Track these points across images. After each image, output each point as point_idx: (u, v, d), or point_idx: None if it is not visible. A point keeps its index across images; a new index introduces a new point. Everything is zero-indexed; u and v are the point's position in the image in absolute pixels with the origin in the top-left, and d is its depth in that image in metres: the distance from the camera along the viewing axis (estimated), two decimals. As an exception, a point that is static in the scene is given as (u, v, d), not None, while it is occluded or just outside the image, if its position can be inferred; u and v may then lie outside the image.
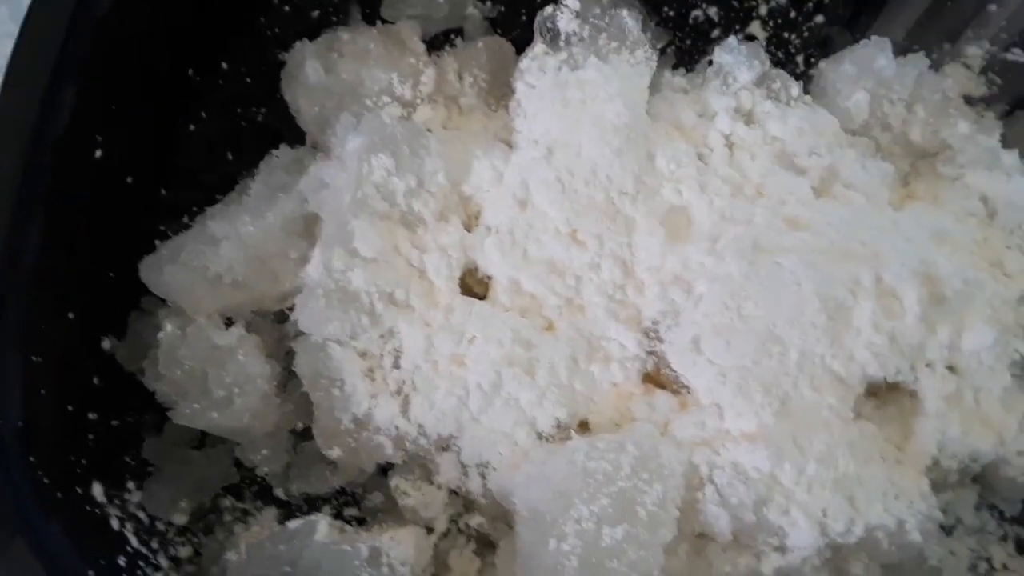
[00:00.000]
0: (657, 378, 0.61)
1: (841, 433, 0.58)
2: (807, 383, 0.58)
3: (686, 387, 0.61)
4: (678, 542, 0.59)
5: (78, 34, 0.63)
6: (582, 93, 0.64)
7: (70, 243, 0.63)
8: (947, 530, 0.66)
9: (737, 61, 0.68)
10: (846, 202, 0.64)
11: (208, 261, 0.64)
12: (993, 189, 0.67)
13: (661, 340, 0.61)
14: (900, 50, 0.74)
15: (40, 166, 0.61)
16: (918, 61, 0.70)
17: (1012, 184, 0.67)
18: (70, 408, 0.63)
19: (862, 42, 0.71)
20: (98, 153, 0.64)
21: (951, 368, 0.62)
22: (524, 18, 0.76)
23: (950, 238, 0.62)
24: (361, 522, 0.68)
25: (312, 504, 0.69)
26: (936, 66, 0.74)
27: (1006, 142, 0.71)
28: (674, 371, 0.61)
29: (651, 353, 0.62)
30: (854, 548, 0.60)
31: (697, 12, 0.77)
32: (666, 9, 0.77)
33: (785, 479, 0.57)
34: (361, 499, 0.69)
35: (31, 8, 0.63)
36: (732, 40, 0.70)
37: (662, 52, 0.76)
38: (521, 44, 0.73)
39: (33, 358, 0.60)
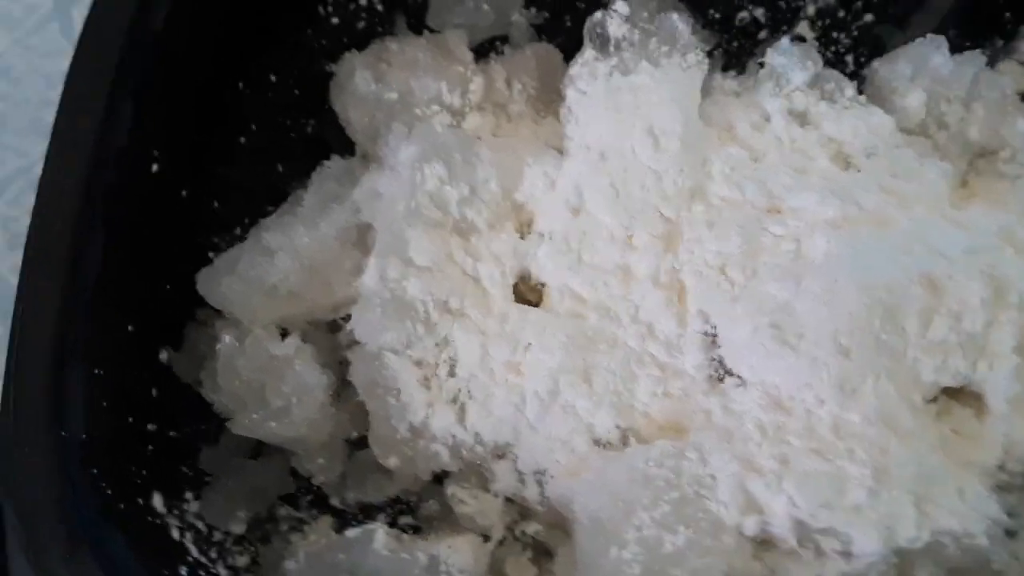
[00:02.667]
0: (717, 384, 0.61)
1: (906, 437, 0.57)
2: (871, 387, 0.57)
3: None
4: (741, 549, 0.58)
5: (135, 50, 0.64)
6: (634, 98, 0.64)
7: (130, 257, 0.64)
8: (1011, 534, 0.64)
9: (790, 63, 0.68)
10: (905, 202, 0.62)
11: (264, 272, 0.65)
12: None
13: (719, 345, 0.60)
14: (954, 48, 0.73)
15: (100, 182, 0.61)
16: (975, 59, 0.69)
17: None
18: (130, 420, 0.63)
19: (917, 40, 0.70)
20: (155, 168, 0.65)
21: (1017, 370, 0.60)
22: (569, 24, 0.76)
23: (1015, 238, 0.61)
24: (416, 530, 0.68)
25: (367, 513, 0.69)
26: (991, 63, 0.73)
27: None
28: (734, 376, 0.60)
29: (712, 359, 0.62)
30: (920, 554, 0.58)
31: (743, 14, 0.77)
32: (712, 11, 0.76)
33: (853, 485, 0.56)
34: (416, 507, 0.69)
35: (87, 24, 0.64)
36: (784, 41, 0.69)
37: (710, 56, 0.76)
38: (567, 50, 0.72)
39: (96, 371, 0.61)
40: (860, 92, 0.70)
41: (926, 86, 0.68)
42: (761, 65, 0.71)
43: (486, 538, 0.66)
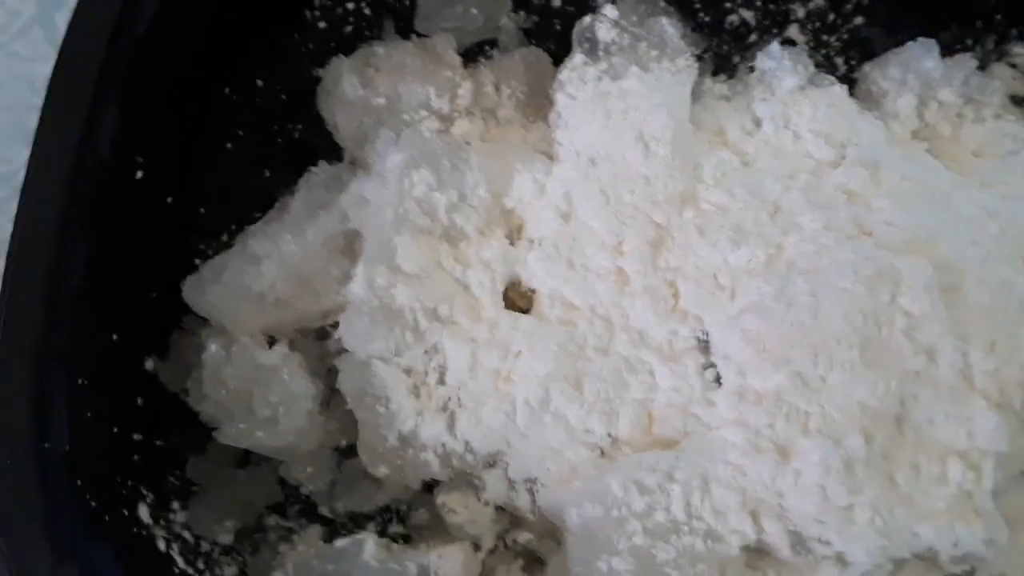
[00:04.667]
0: (710, 391, 0.60)
1: (901, 445, 0.57)
2: (864, 394, 0.57)
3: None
4: (734, 558, 0.58)
5: (117, 55, 0.63)
6: (624, 103, 0.63)
7: (114, 265, 0.63)
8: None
9: (780, 67, 0.67)
10: (898, 205, 0.62)
11: (251, 280, 0.64)
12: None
13: (712, 352, 0.60)
14: (945, 51, 0.72)
15: (83, 189, 0.61)
16: (965, 62, 0.69)
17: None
18: (115, 430, 0.63)
19: (908, 44, 0.70)
20: (139, 174, 0.64)
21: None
22: (559, 28, 0.75)
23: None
24: (407, 539, 0.68)
25: (357, 522, 0.68)
26: (982, 65, 0.73)
27: (1056, 144, 0.70)
28: (727, 382, 0.60)
29: (704, 366, 0.61)
30: (914, 560, 0.58)
31: (733, 17, 0.76)
32: (701, 15, 0.76)
33: (845, 492, 0.55)
34: (406, 516, 0.68)
35: (69, 30, 0.63)
36: (775, 46, 0.69)
37: (699, 59, 0.76)
38: (557, 54, 0.72)
39: (79, 381, 0.60)
40: (851, 95, 0.70)
41: (917, 89, 0.68)
42: (751, 69, 0.71)
43: (477, 547, 0.65)
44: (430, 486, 0.67)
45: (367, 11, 0.75)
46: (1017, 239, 0.61)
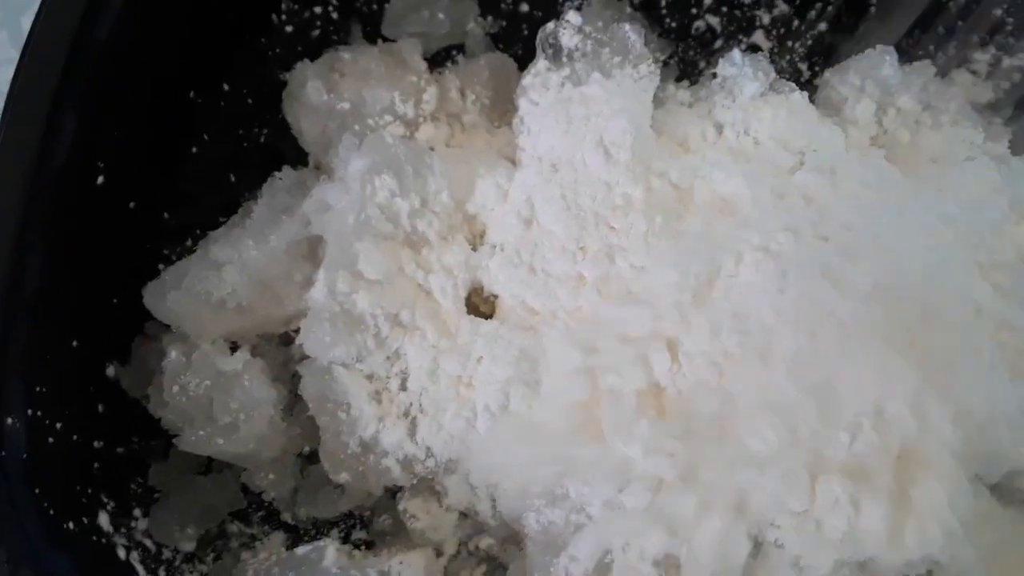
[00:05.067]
0: (661, 396, 0.60)
1: (850, 456, 0.57)
2: (817, 404, 0.57)
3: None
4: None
5: (80, 59, 0.62)
6: (586, 109, 0.64)
7: (73, 270, 0.62)
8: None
9: (742, 74, 0.68)
10: (857, 210, 0.62)
11: (211, 286, 0.64)
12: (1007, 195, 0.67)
13: (677, 360, 0.60)
14: (907, 57, 0.73)
15: (42, 194, 0.60)
16: (924, 69, 0.70)
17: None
18: (75, 437, 0.62)
19: (867, 51, 0.70)
20: (100, 179, 0.64)
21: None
22: (526, 33, 0.75)
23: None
24: (370, 545, 0.67)
25: (320, 528, 0.68)
26: (943, 72, 0.74)
27: (1014, 148, 0.70)
28: (685, 390, 0.60)
29: (669, 371, 0.61)
30: (872, 563, 0.59)
31: (699, 23, 0.77)
32: (668, 20, 0.76)
33: (804, 497, 0.56)
34: (370, 522, 0.68)
35: (32, 33, 0.63)
36: (736, 53, 0.70)
37: (665, 64, 0.76)
38: (523, 59, 0.72)
39: (37, 388, 0.59)
40: (812, 102, 0.70)
41: (876, 96, 0.69)
42: (714, 75, 0.71)
43: (439, 553, 0.65)
44: (393, 492, 0.67)
45: (335, 15, 0.75)
46: (972, 244, 0.62)
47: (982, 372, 0.59)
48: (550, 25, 0.68)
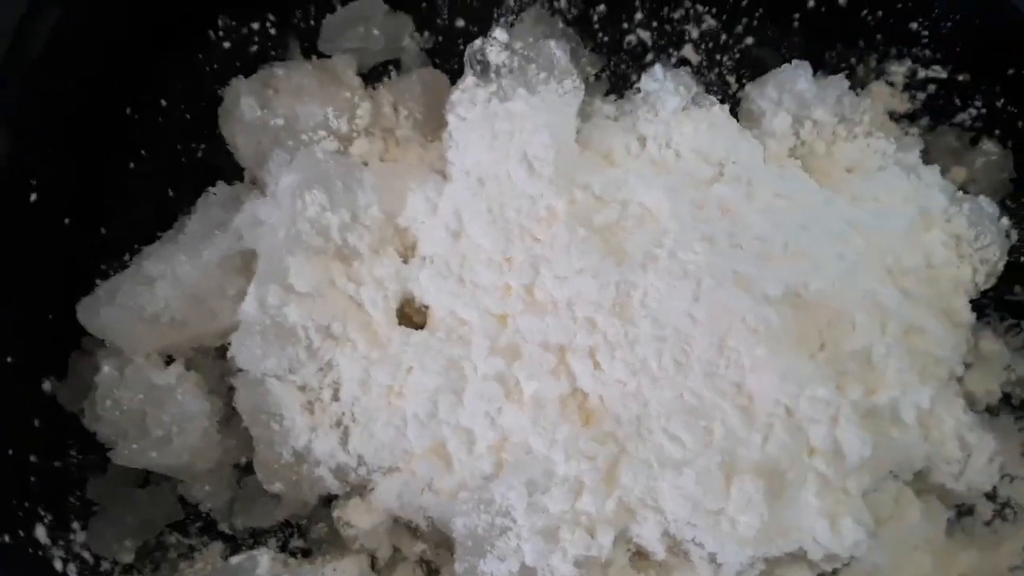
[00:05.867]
0: (586, 405, 0.62)
1: (764, 455, 0.59)
2: (730, 407, 0.59)
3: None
4: (614, 560, 0.60)
5: (9, 78, 0.63)
6: (510, 125, 0.65)
7: (7, 287, 0.63)
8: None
9: (664, 88, 0.70)
10: (775, 221, 0.65)
11: (144, 301, 0.64)
12: (917, 203, 0.69)
13: (599, 367, 0.62)
14: (829, 70, 0.76)
15: (-28, 212, 0.61)
16: (838, 83, 0.72)
17: (933, 199, 0.69)
18: (10, 452, 0.62)
19: (784, 66, 0.73)
20: (33, 197, 0.64)
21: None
22: (462, 48, 0.76)
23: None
24: (307, 553, 0.69)
25: (257, 537, 0.69)
26: (862, 83, 0.76)
27: (927, 158, 0.73)
28: (606, 395, 0.62)
29: (591, 377, 0.63)
30: (786, 559, 0.61)
31: (631, 37, 0.79)
32: (600, 35, 0.78)
33: (717, 496, 0.58)
34: (306, 530, 0.69)
35: (-39, 53, 0.63)
36: (657, 68, 0.72)
37: (596, 78, 0.78)
38: (458, 74, 0.73)
39: (-30, 404, 0.60)
40: (735, 115, 0.72)
41: (793, 109, 0.71)
42: (639, 90, 0.73)
43: (374, 559, 0.67)
44: (328, 500, 0.68)
45: (272, 31, 0.76)
46: (882, 251, 0.65)
47: (891, 374, 0.62)
48: (477, 42, 0.70)
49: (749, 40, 0.79)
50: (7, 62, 0.63)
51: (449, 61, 0.77)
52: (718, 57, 0.79)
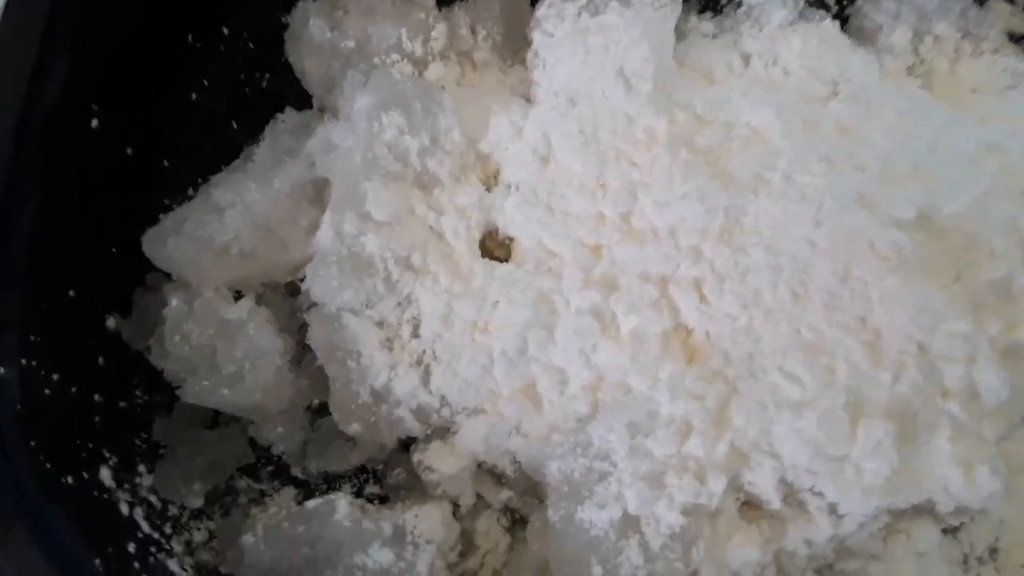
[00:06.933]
0: (691, 341, 0.57)
1: (893, 397, 0.54)
2: (855, 343, 0.54)
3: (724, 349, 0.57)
4: (723, 509, 0.55)
5: (70, 1, 0.60)
6: (604, 39, 0.60)
7: (68, 219, 0.60)
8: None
9: (769, 2, 0.64)
10: (893, 140, 0.59)
11: (213, 231, 0.61)
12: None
13: (705, 300, 0.56)
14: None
15: (31, 139, 0.57)
16: (962, -5, 0.66)
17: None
18: (74, 390, 0.59)
19: (903, -25, 0.66)
20: (94, 123, 0.61)
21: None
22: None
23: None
24: (384, 500, 0.65)
25: (331, 483, 0.66)
26: (980, 0, 0.70)
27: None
28: (713, 331, 0.56)
29: (696, 311, 0.57)
30: (912, 511, 0.56)
31: (730, -53, 0.73)
32: (696, -55, 0.72)
33: (841, 442, 0.53)
34: (383, 476, 0.66)
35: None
36: (763, -21, 0.66)
37: (686, -5, 0.72)
38: (536, -6, 0.69)
39: (32, 337, 0.57)
40: (844, 31, 0.66)
41: (912, 23, 0.65)
42: (739, 5, 0.67)
43: (456, 506, 0.63)
44: (407, 444, 0.64)
45: (339, -49, 0.72)
46: (1017, 174, 0.58)
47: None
48: (565, -47, 0.64)
49: (852, -47, 0.72)
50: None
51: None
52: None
